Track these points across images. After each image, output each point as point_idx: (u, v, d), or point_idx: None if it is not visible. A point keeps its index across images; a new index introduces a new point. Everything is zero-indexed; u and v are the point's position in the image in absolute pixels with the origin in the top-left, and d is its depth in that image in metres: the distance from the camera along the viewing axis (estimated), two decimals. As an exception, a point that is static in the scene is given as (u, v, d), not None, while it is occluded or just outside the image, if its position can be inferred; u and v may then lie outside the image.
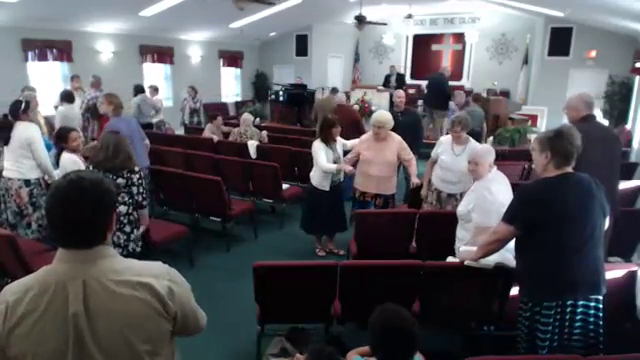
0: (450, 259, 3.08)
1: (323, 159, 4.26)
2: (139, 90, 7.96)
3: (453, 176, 3.97)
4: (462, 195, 3.92)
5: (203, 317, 1.42)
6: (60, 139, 3.81)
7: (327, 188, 4.36)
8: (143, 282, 1.18)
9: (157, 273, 1.23)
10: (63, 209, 1.14)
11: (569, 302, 2.18)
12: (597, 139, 2.93)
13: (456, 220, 3.17)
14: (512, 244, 2.52)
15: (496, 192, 2.88)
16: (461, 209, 3.09)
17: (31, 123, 4.18)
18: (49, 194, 1.18)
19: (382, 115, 4.32)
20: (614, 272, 2.65)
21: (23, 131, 4.04)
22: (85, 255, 1.16)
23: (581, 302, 2.20)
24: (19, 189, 4.09)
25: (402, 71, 13.72)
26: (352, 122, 6.63)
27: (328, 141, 4.33)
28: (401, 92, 6.03)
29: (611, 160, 3.14)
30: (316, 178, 4.39)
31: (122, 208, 3.32)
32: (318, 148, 4.31)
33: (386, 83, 11.97)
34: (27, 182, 4.10)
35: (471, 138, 4.05)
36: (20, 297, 1.13)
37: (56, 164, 3.95)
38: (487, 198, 2.87)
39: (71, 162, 3.65)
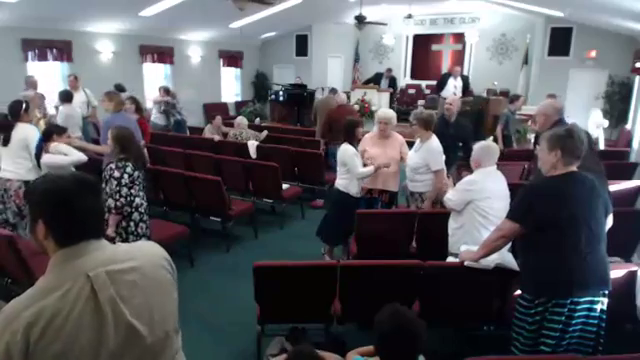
0: (450, 259, 3.09)
1: (359, 165, 3.99)
2: (120, 90, 7.92)
3: (408, 171, 4.13)
4: (422, 196, 4.07)
5: None
6: (49, 137, 3.78)
7: (359, 195, 4.16)
8: (157, 254, 1.30)
9: (160, 247, 1.36)
10: (81, 201, 1.16)
11: (577, 299, 2.18)
12: None
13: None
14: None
15: (475, 183, 3.05)
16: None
17: (29, 124, 4.15)
18: (52, 191, 1.16)
19: (387, 112, 4.37)
20: (614, 272, 2.65)
21: (22, 132, 4.03)
22: (95, 245, 1.19)
23: (589, 299, 2.21)
24: (18, 189, 4.08)
25: (401, 71, 13.74)
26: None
27: (353, 143, 4.08)
28: (454, 97, 5.29)
29: (594, 161, 3.16)
30: (350, 185, 4.06)
31: (144, 200, 3.50)
32: (353, 154, 3.97)
33: (374, 81, 11.99)
34: (26, 183, 4.06)
35: (434, 137, 4.04)
36: (39, 307, 1.09)
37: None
38: (461, 183, 3.15)
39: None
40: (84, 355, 1.10)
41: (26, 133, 4.04)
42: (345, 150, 4.01)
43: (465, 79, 9.94)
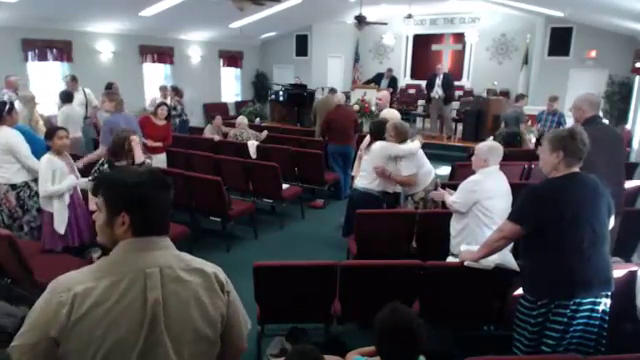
0: (450, 259, 3.09)
1: (402, 145, 4.06)
2: (109, 88, 7.85)
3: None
4: (412, 197, 4.11)
5: (249, 321, 1.43)
6: (46, 137, 3.74)
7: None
8: (209, 271, 1.27)
9: (216, 265, 1.34)
10: (161, 194, 1.21)
11: (580, 300, 2.18)
12: (603, 142, 2.94)
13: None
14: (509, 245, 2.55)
15: (479, 183, 3.03)
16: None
17: (10, 127, 4.01)
18: (137, 184, 1.18)
19: (393, 114, 4.50)
20: (614, 272, 2.65)
21: (3, 137, 3.90)
22: (161, 243, 1.21)
23: (592, 299, 2.20)
24: (6, 193, 4.01)
25: (401, 71, 13.75)
26: (351, 122, 6.65)
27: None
28: (384, 93, 5.89)
29: (617, 162, 3.14)
30: (372, 184, 4.19)
31: None
32: (388, 143, 4.07)
33: (374, 81, 12.00)
34: (13, 186, 3.99)
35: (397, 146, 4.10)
36: (90, 287, 1.09)
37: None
38: (465, 184, 3.12)
39: (43, 168, 3.61)
40: (118, 348, 1.09)
41: (7, 137, 3.91)
42: (381, 145, 4.06)
43: (445, 77, 9.86)
